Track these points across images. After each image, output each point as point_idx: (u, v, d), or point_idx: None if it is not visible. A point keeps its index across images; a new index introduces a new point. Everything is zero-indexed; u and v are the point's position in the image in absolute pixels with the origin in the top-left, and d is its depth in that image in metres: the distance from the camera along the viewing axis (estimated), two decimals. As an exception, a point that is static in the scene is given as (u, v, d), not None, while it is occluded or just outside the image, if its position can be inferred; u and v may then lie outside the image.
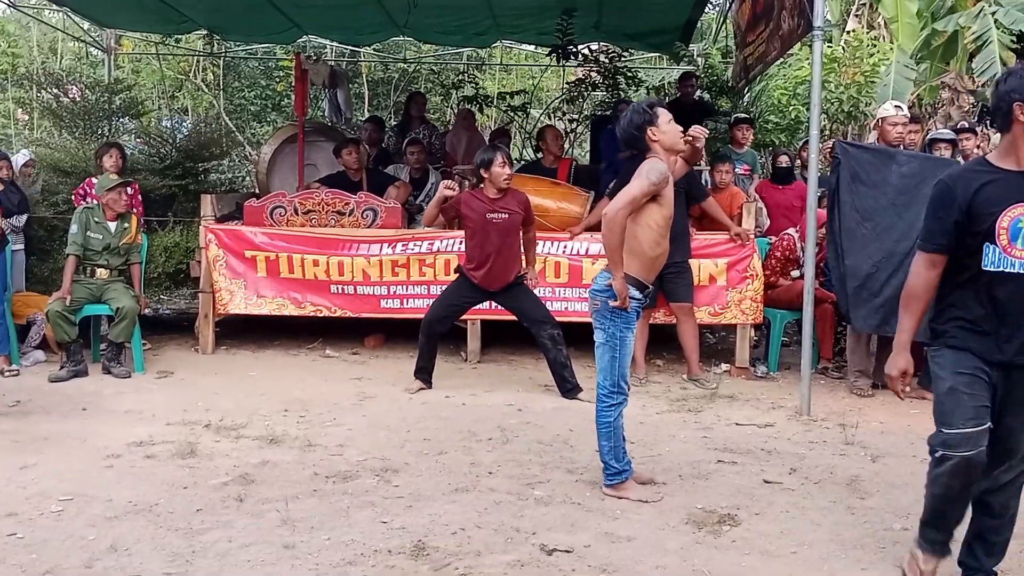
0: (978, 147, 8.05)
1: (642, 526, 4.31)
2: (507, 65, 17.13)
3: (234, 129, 15.35)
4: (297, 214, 7.88)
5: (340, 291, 7.78)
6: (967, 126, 8.15)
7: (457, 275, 6.85)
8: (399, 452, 5.36)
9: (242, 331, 8.51)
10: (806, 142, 8.80)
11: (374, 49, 15.64)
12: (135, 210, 7.87)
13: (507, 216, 6.54)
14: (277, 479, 4.86)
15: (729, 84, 11.00)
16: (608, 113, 11.10)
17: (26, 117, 17.78)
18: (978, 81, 11.49)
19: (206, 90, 17.03)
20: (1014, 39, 11.14)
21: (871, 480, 5.03)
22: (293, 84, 11.00)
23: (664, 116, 4.61)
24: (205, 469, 5.01)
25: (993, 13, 11.36)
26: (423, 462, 5.19)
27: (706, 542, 4.15)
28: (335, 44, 14.32)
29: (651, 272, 4.63)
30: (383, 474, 4.97)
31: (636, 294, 4.54)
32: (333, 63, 12.92)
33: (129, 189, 7.70)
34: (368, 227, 7.84)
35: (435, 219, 6.73)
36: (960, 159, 8.00)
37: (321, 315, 7.88)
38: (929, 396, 6.66)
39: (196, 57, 16.20)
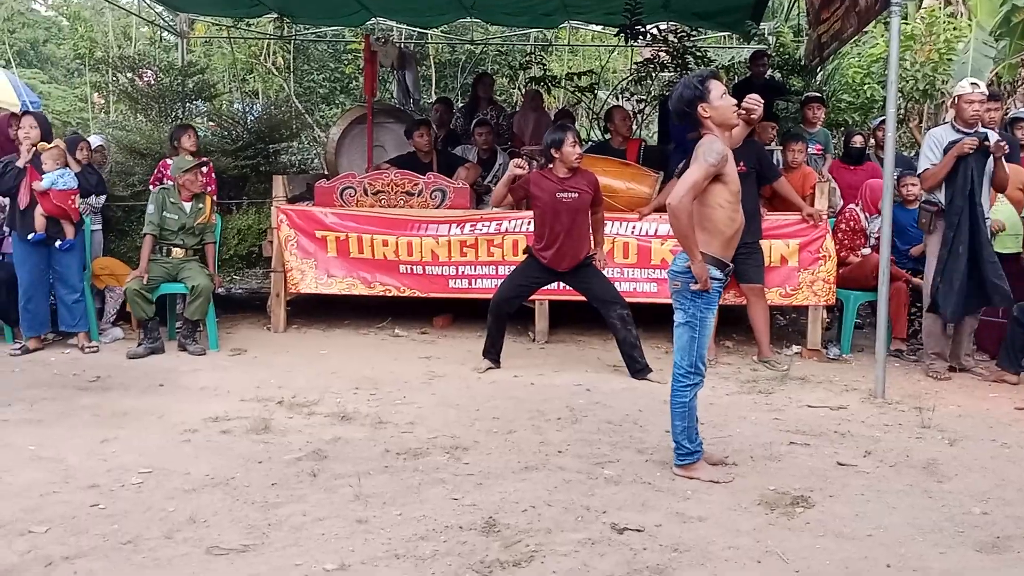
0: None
1: (713, 507, 4.28)
2: (574, 46, 17.02)
3: (303, 111, 15.49)
4: (367, 194, 7.94)
5: (409, 271, 7.84)
6: None
7: (526, 255, 6.85)
8: (469, 430, 5.39)
9: (312, 310, 8.61)
10: (882, 121, 8.63)
11: (441, 31, 15.67)
12: (210, 189, 7.99)
13: (577, 195, 6.52)
14: (349, 455, 4.92)
15: (801, 63, 10.81)
16: (677, 93, 10.97)
17: (102, 101, 18.14)
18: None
19: (276, 73, 17.20)
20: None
21: (949, 464, 4.93)
22: (362, 66, 11.06)
23: (716, 90, 4.49)
24: (279, 444, 5.10)
25: (1078, -13, 11.02)
26: (493, 440, 5.21)
27: (779, 523, 4.10)
28: (403, 26, 14.37)
29: (729, 249, 4.56)
30: (453, 452, 5.00)
31: (717, 274, 4.49)
32: (401, 45, 12.96)
33: (204, 169, 7.83)
34: (437, 207, 7.86)
35: (504, 198, 6.73)
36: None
37: (390, 295, 7.94)
38: (1010, 378, 6.58)
39: (266, 40, 16.37)
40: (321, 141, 14.78)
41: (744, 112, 4.61)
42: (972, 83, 6.71)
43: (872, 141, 8.71)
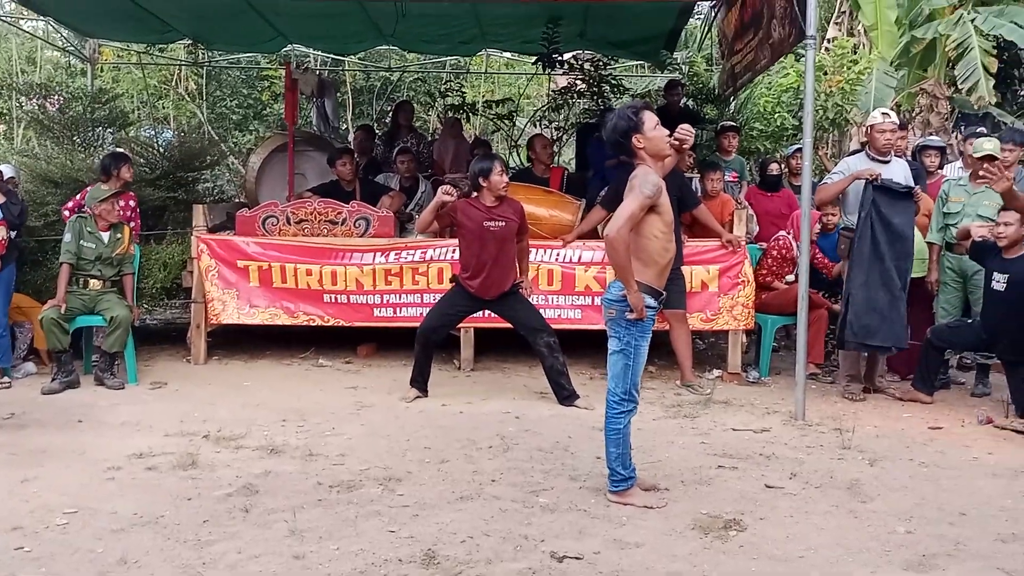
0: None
1: (649, 532, 4.33)
2: (491, 73, 17.14)
3: (216, 138, 15.29)
4: (290, 224, 7.88)
5: (333, 300, 7.78)
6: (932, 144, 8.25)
7: (452, 284, 6.86)
8: (401, 461, 5.36)
9: (233, 341, 8.48)
10: (796, 149, 8.91)
11: (358, 58, 15.65)
12: (133, 224, 7.83)
13: (504, 224, 6.57)
14: (281, 489, 4.86)
15: (715, 92, 11.08)
16: (593, 121, 11.15)
17: (3, 127, 17.63)
18: (962, 88, 11.62)
19: (188, 99, 16.96)
20: (994, 45, 11.29)
21: (871, 484, 5.08)
22: (279, 93, 11.01)
23: (650, 121, 4.57)
24: (208, 480, 5.00)
25: (972, 20, 11.53)
26: (426, 471, 5.20)
27: (714, 547, 4.18)
28: (319, 53, 14.31)
29: (663, 278, 4.65)
30: (387, 483, 4.97)
31: (651, 302, 4.56)
32: (321, 72, 12.91)
33: (121, 200, 7.67)
34: (361, 236, 7.84)
35: (430, 225, 6.75)
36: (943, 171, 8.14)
37: (314, 324, 7.87)
38: (923, 399, 6.81)
39: (178, 66, 16.14)
40: (235, 169, 14.60)
41: (676, 142, 4.72)
42: (883, 113, 6.97)
43: (786, 168, 8.96)
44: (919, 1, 12.76)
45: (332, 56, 14.83)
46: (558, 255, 7.66)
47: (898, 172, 7.03)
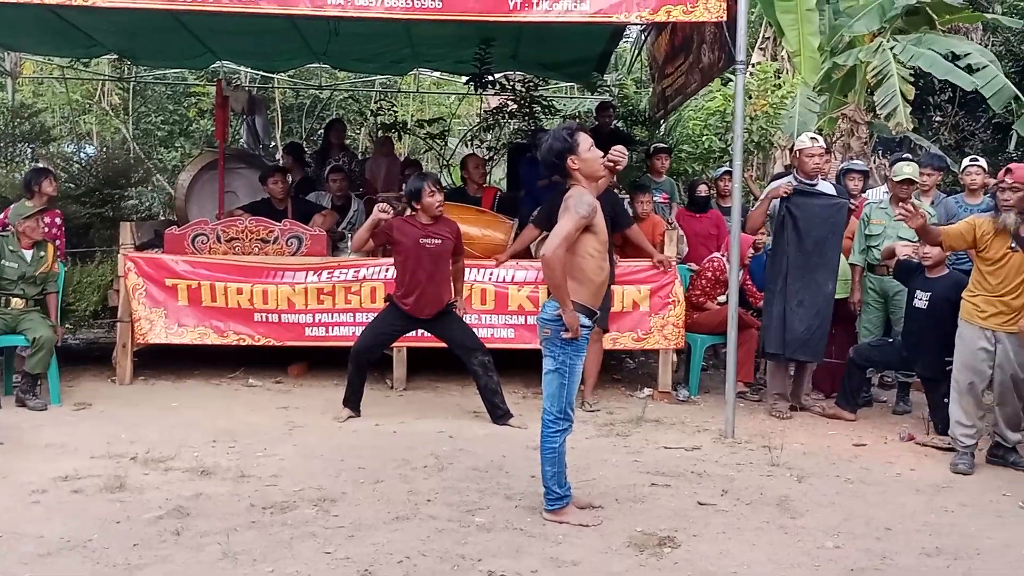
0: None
1: (586, 550, 4.37)
2: (422, 92, 17.18)
3: (142, 155, 15.06)
4: (220, 242, 7.78)
5: (264, 319, 7.70)
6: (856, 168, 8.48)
7: (387, 303, 6.85)
8: (335, 481, 5.32)
9: (160, 361, 8.32)
10: (725, 172, 9.08)
11: (288, 75, 15.56)
12: (59, 243, 7.67)
13: (439, 242, 6.58)
14: (213, 511, 4.79)
15: (645, 114, 11.24)
16: (525, 141, 11.24)
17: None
18: (880, 114, 11.97)
19: (113, 115, 16.66)
20: (911, 72, 11.65)
21: (800, 500, 5.19)
22: (206, 110, 10.89)
23: (584, 143, 4.64)
24: (137, 503, 4.91)
25: (892, 48, 11.89)
26: (360, 491, 5.17)
27: (649, 564, 4.23)
28: (248, 70, 14.20)
29: (597, 298, 4.71)
30: (321, 504, 4.93)
31: (586, 321, 4.62)
32: (251, 90, 12.80)
33: (47, 218, 7.51)
34: (293, 255, 7.78)
35: (365, 243, 6.72)
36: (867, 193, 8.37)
37: (244, 344, 7.77)
38: (847, 416, 6.98)
39: (102, 81, 15.87)
40: (161, 186, 14.39)
41: (610, 164, 4.79)
42: (812, 137, 7.16)
43: (714, 190, 9.13)
44: (840, 28, 13.11)
45: (262, 73, 14.72)
46: (491, 274, 7.69)
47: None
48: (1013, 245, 5.72)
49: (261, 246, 7.80)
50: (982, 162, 7.83)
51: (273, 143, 14.75)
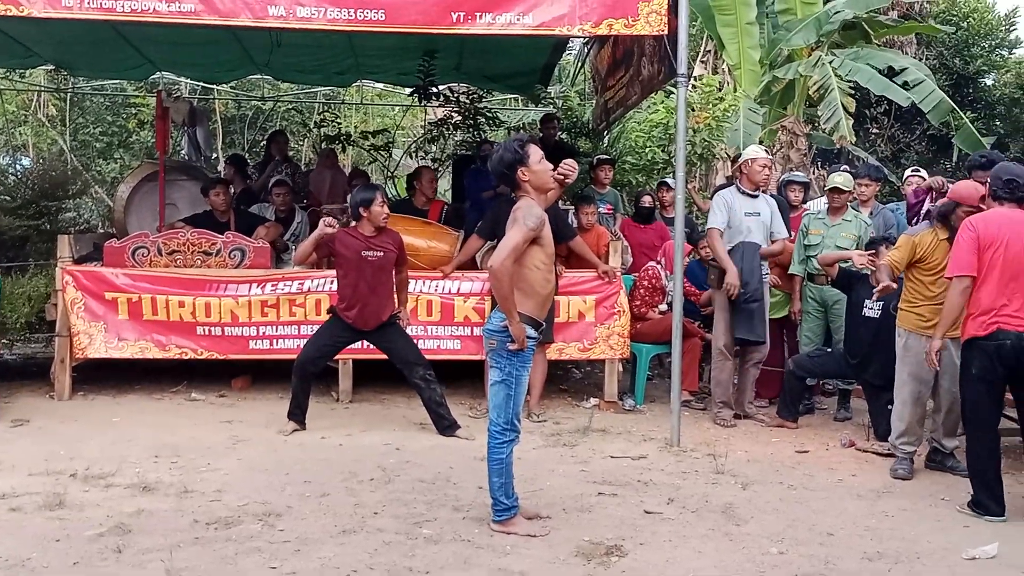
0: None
1: (533, 561, 4.37)
2: (365, 104, 17.12)
3: (80, 167, 14.80)
4: (161, 255, 7.68)
5: (207, 332, 7.60)
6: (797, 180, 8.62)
7: (330, 315, 6.81)
8: (280, 495, 5.27)
9: (99, 376, 8.17)
10: (661, 183, 9.19)
11: (229, 86, 15.41)
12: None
13: (382, 254, 6.56)
14: (156, 528, 4.71)
15: (589, 126, 11.31)
16: (469, 153, 11.26)
17: None
18: (824, 127, 12.19)
19: (49, 126, 16.37)
20: (852, 87, 11.87)
21: (744, 507, 5.25)
22: (145, 121, 10.75)
23: (535, 155, 4.67)
24: (77, 520, 4.81)
25: (830, 62, 12.10)
26: (306, 505, 5.12)
27: (597, 574, 4.25)
28: (188, 81, 14.04)
29: (544, 309, 4.73)
30: (266, 518, 4.88)
31: (532, 332, 4.63)
32: (192, 101, 12.66)
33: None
34: (236, 267, 7.70)
35: (309, 256, 6.68)
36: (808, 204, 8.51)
37: (187, 357, 7.67)
38: (789, 425, 7.08)
39: (38, 92, 15.60)
40: (100, 198, 14.16)
41: (560, 176, 4.81)
42: (763, 149, 7.26)
43: (658, 201, 9.22)
44: (779, 42, 13.31)
45: (203, 84, 14.57)
46: (437, 286, 7.68)
47: (763, 206, 7.34)
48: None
49: (203, 259, 7.71)
50: (923, 172, 8.02)
51: (215, 155, 14.61)
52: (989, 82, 20.41)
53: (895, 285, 6.04)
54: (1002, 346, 5.11)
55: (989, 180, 5.45)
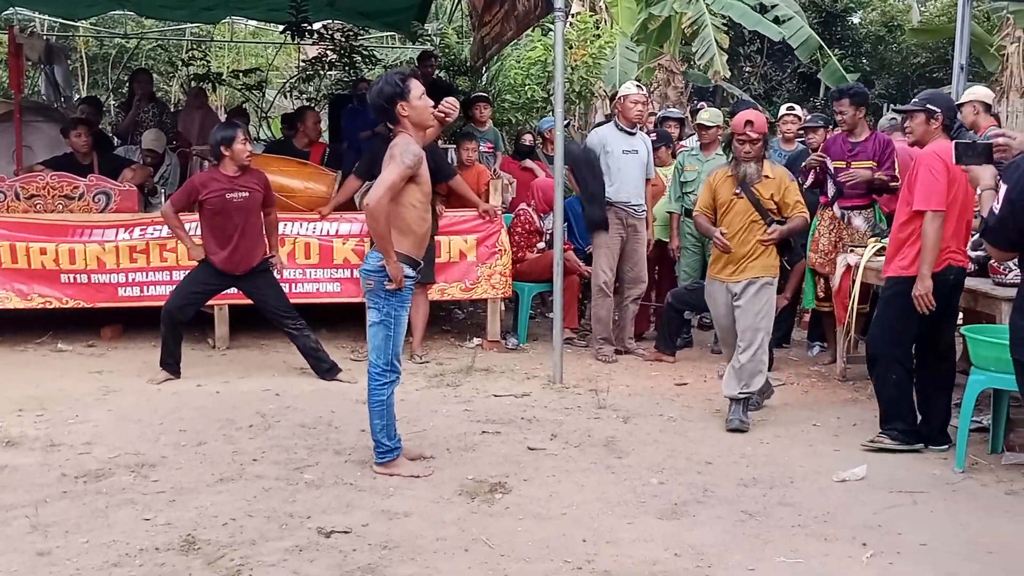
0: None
1: (417, 501, 4.34)
2: (236, 42, 16.55)
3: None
4: (19, 199, 7.28)
5: (72, 280, 7.26)
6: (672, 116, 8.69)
7: (198, 261, 6.58)
8: (154, 446, 5.10)
9: (-43, 329, 7.77)
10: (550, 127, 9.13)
11: (90, 23, 14.69)
12: None
13: (247, 195, 6.35)
14: (20, 483, 4.51)
15: (467, 64, 11.16)
16: (346, 92, 11.00)
17: None
18: (698, 63, 12.32)
19: None
20: (726, 23, 12.01)
21: (625, 440, 5.31)
22: (4, 60, 10.15)
23: (416, 90, 4.55)
24: (-67, 479, 4.57)
25: (704, -1, 12.24)
26: (181, 454, 4.98)
27: (481, 511, 4.25)
28: (46, 17, 13.30)
29: (421, 248, 4.65)
30: (139, 469, 4.72)
31: (410, 272, 4.55)
32: (49, 38, 12.00)
33: None
34: (101, 212, 7.37)
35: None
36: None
37: (51, 307, 7.33)
38: (667, 359, 7.19)
39: None
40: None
41: (441, 114, 4.71)
42: (636, 85, 7.25)
43: (540, 139, 9.18)
44: (654, -21, 13.39)
45: (61, 21, 13.84)
46: (315, 228, 7.49)
47: (641, 145, 7.37)
48: (737, 191, 5.65)
49: (65, 203, 7.34)
50: (798, 110, 8.15)
51: (77, 95, 13.93)
52: (856, 20, 20.96)
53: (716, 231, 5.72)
54: (946, 281, 5.02)
55: (941, 109, 5.10)
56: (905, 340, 5.22)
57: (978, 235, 4.76)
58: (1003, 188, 3.48)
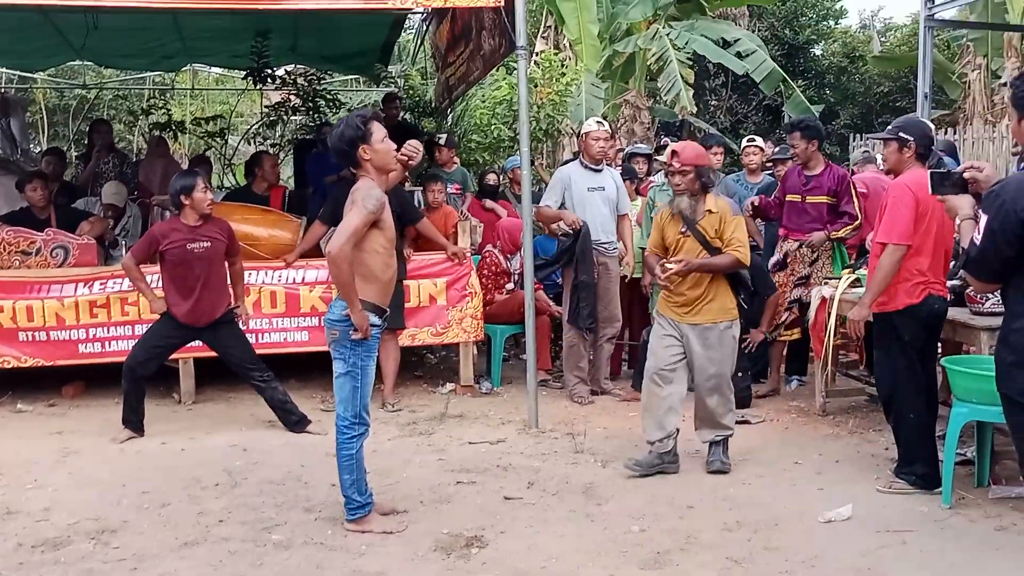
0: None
1: (391, 559, 4.18)
2: (197, 90, 16.42)
3: None
4: (-27, 257, 7.10)
5: (31, 338, 7.06)
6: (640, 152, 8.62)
7: (161, 314, 6.40)
8: (115, 510, 4.90)
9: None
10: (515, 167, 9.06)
11: (48, 74, 14.53)
12: None
13: (209, 244, 6.20)
14: (-27, 556, 4.31)
15: (432, 105, 11.09)
16: (310, 137, 10.89)
17: None
18: (666, 99, 12.33)
19: None
20: (689, 57, 12.04)
21: (604, 486, 5.17)
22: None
23: (378, 133, 4.44)
24: None
25: (668, 34, 12.25)
26: (144, 518, 4.78)
27: (457, 567, 4.09)
28: (3, 70, 13.14)
29: (386, 295, 4.51)
30: (99, 536, 4.53)
31: (375, 320, 4.40)
32: (4, 90, 11.83)
33: None
34: (59, 267, 7.18)
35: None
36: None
37: (9, 366, 7.11)
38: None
39: None
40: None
41: (404, 158, 4.60)
42: (597, 122, 7.20)
43: (507, 179, 9.10)
44: (617, 16, 13.41)
45: (19, 73, 13.67)
46: (280, 276, 7.34)
47: (608, 181, 7.29)
48: (684, 229, 5.43)
49: (22, 259, 7.16)
50: (759, 141, 8.11)
51: (37, 147, 13.75)
52: (818, 51, 21.17)
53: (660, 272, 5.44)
54: (931, 311, 4.93)
55: (914, 137, 4.94)
56: (914, 371, 5.01)
57: (959, 266, 4.67)
58: (983, 218, 3.39)
